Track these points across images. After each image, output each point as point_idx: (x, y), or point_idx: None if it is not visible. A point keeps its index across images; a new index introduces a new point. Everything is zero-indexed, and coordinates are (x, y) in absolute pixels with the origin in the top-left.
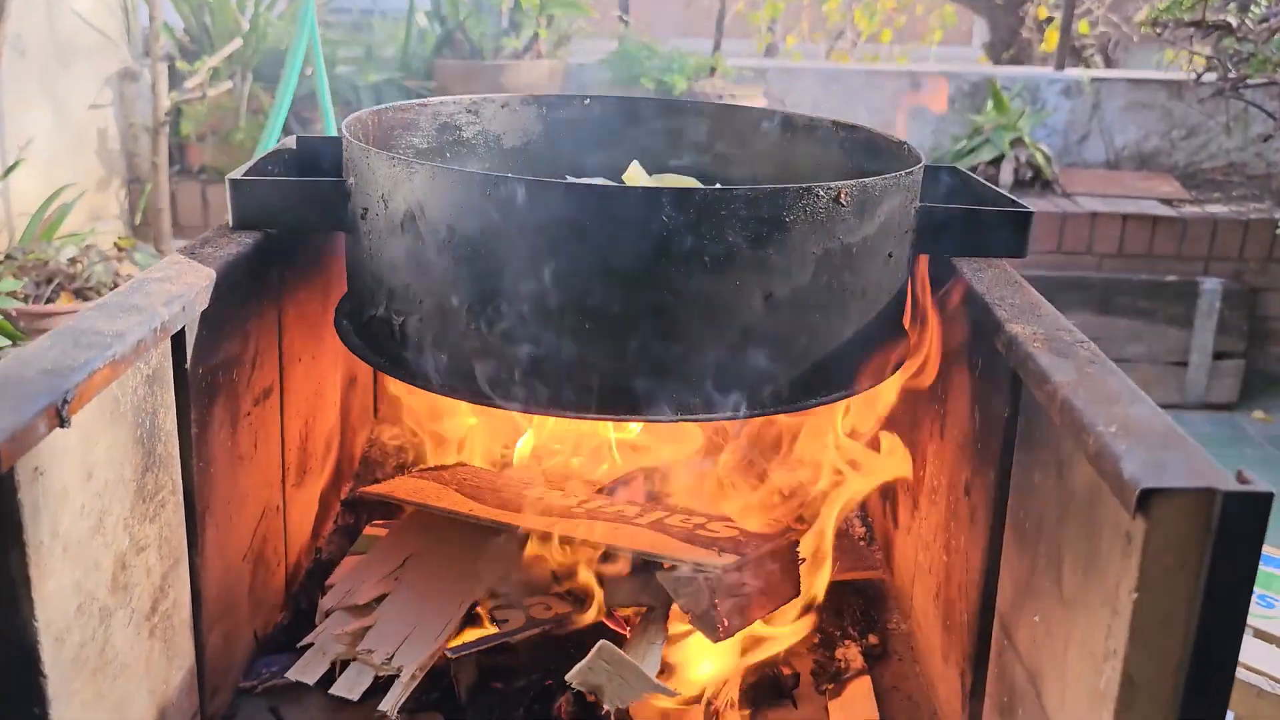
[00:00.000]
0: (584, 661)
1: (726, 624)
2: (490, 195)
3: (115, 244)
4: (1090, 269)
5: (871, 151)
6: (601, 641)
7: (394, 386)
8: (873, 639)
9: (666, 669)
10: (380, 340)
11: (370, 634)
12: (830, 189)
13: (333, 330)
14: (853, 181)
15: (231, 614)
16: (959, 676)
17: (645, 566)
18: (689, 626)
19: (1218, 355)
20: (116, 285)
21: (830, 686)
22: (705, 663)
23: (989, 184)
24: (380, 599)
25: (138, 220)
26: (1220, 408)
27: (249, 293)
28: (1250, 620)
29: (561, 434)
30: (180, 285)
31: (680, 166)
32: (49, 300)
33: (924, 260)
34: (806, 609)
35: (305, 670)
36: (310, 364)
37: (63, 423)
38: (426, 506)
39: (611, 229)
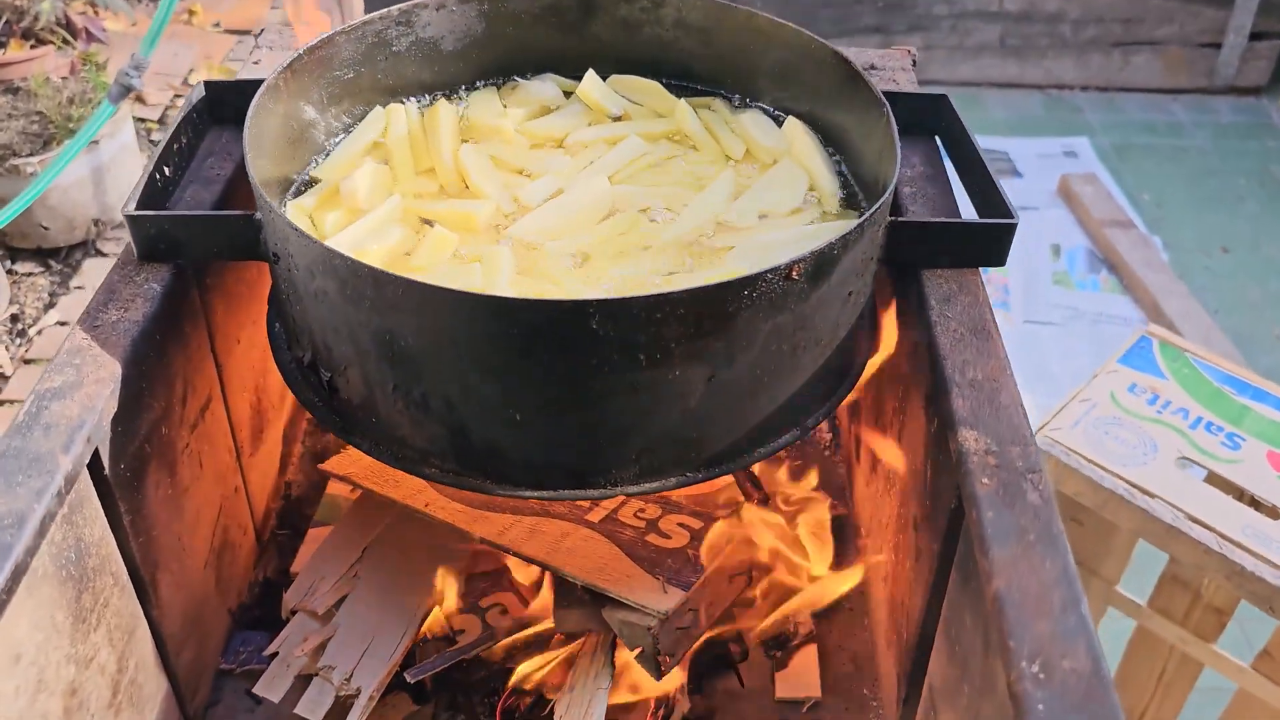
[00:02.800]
0: None
1: (669, 660)
2: (401, 302)
3: None
4: None
5: (845, 94)
6: None
7: None
8: None
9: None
10: (311, 385)
11: (331, 645)
12: (779, 270)
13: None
14: (806, 254)
15: (200, 621)
16: (896, 676)
17: (594, 595)
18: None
19: (1255, 36)
20: (67, 25)
21: (777, 654)
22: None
23: (976, 145)
24: (340, 601)
25: None
26: (1248, 92)
27: (169, 337)
28: (1209, 462)
29: None
30: (81, 403)
31: (638, 61)
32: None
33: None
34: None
35: (270, 686)
36: (251, 330)
37: None
38: (386, 497)
39: (533, 340)
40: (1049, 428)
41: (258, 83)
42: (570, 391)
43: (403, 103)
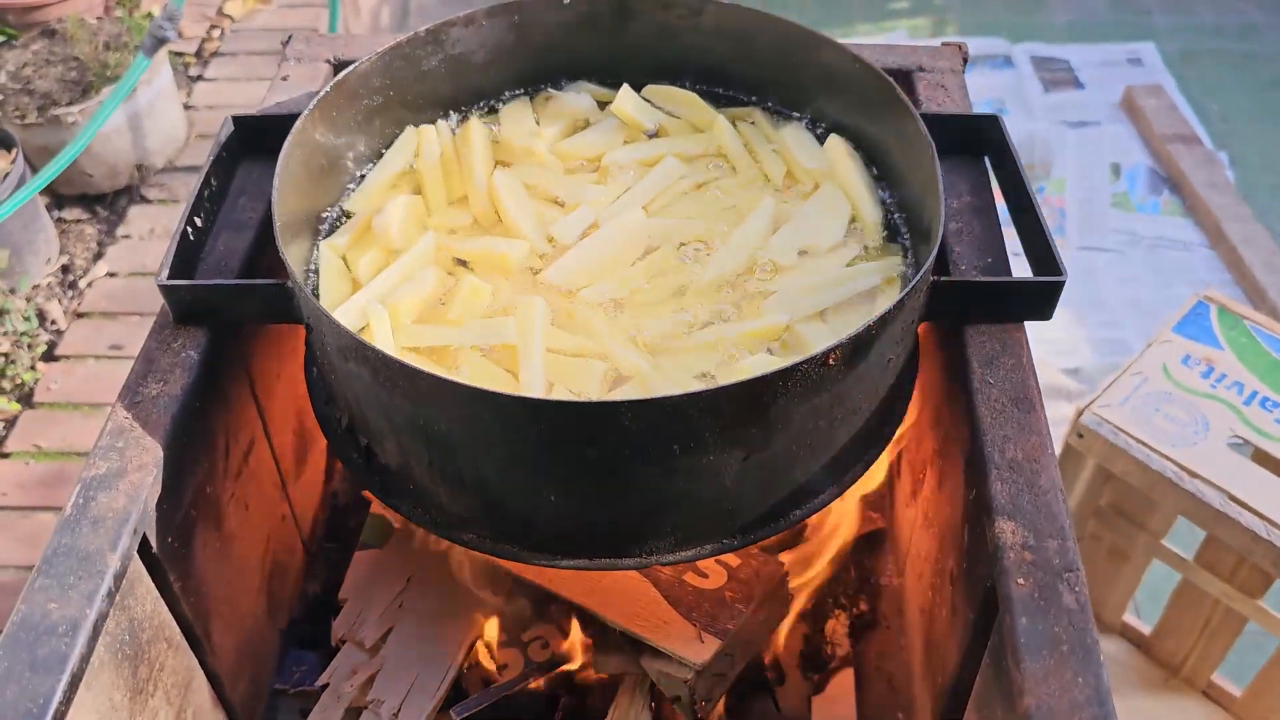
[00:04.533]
0: None
1: (704, 704)
2: (433, 396)
3: None
4: None
5: (890, 117)
6: None
7: None
8: (863, 604)
9: None
10: (349, 442)
11: (379, 679)
12: (815, 359)
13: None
14: (844, 340)
15: (253, 649)
16: (931, 713)
17: (631, 640)
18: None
19: None
20: None
21: (815, 677)
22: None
23: (1026, 178)
24: (387, 634)
25: None
26: None
27: (210, 400)
28: (1261, 441)
29: None
30: (126, 493)
31: (676, 67)
32: None
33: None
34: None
35: (322, 718)
36: (292, 362)
37: None
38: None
39: (565, 434)
40: (1098, 404)
41: (285, 117)
42: (604, 477)
43: (434, 122)
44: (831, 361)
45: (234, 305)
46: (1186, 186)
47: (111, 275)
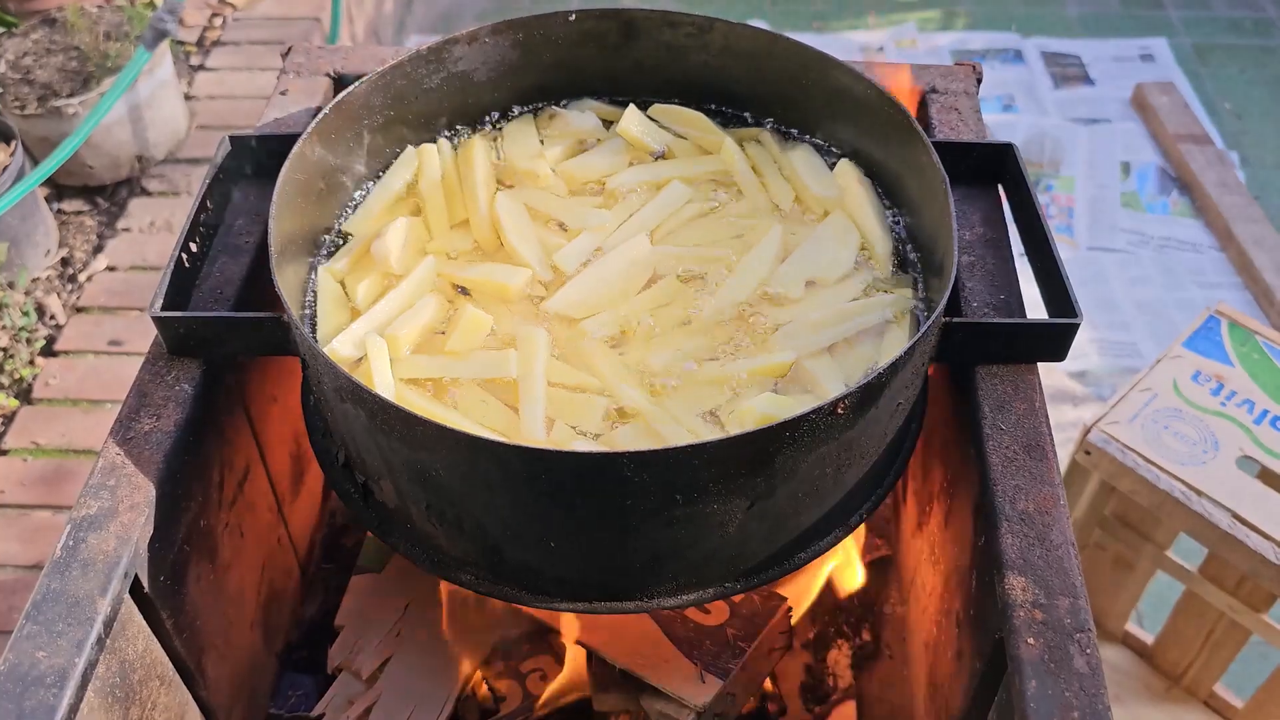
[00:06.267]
0: None
1: None
2: (430, 442)
3: None
4: None
5: (902, 145)
6: None
7: None
8: (866, 635)
9: None
10: (346, 480)
11: (376, 711)
12: (823, 410)
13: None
14: (853, 389)
15: (248, 678)
16: None
17: (631, 678)
18: None
19: None
20: None
21: (816, 709)
22: None
23: (1042, 213)
24: (384, 664)
25: None
26: None
27: (204, 434)
28: (1270, 461)
29: None
30: (117, 534)
31: (683, 86)
32: None
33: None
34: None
35: None
36: (288, 382)
37: None
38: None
39: (566, 483)
40: (1106, 421)
41: (284, 138)
42: (605, 526)
43: (435, 140)
44: (840, 411)
45: (229, 338)
46: (1197, 187)
47: (111, 269)
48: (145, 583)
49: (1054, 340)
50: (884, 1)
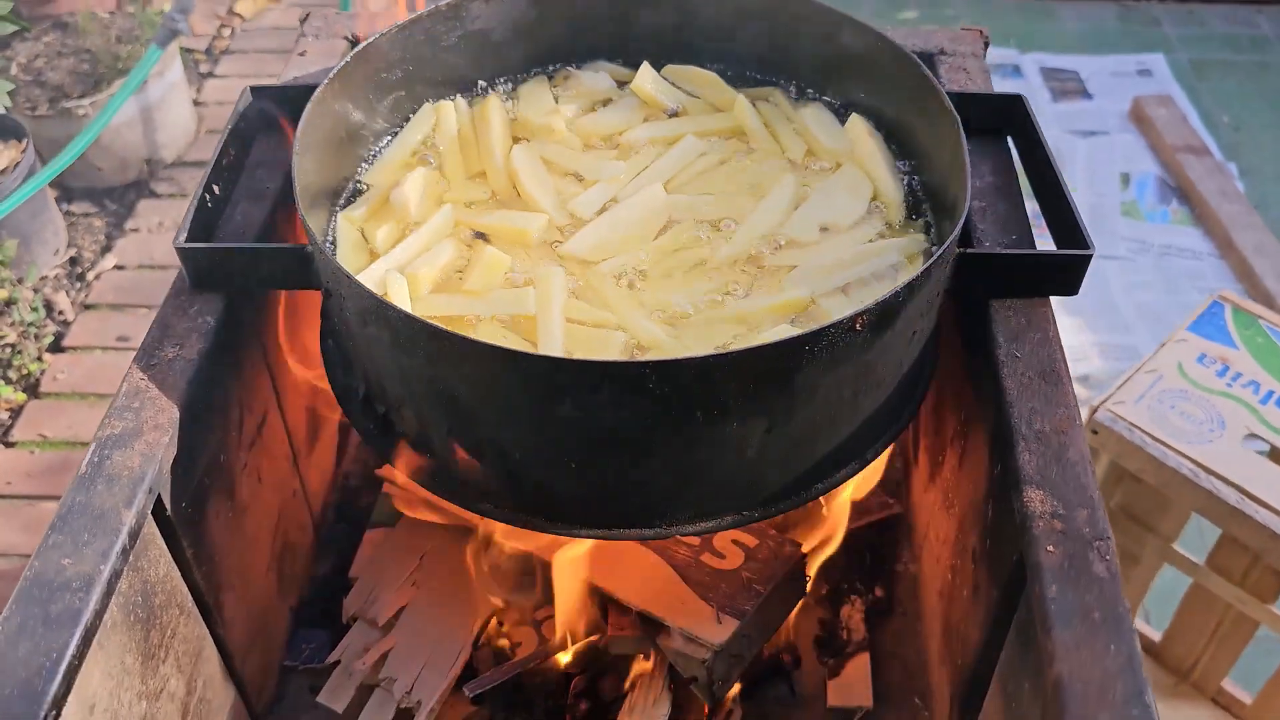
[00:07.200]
0: None
1: (722, 684)
2: (455, 357)
3: None
4: None
5: (914, 96)
6: None
7: None
8: (878, 591)
9: None
10: (366, 414)
11: (391, 657)
12: (843, 324)
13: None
14: (871, 305)
15: (264, 625)
16: (949, 696)
17: (648, 621)
18: None
19: None
20: None
21: (830, 662)
22: None
23: (1052, 157)
24: (399, 612)
25: None
26: None
27: (225, 368)
28: (1275, 438)
29: None
30: (141, 452)
31: (696, 48)
32: None
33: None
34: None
35: (333, 696)
36: (306, 335)
37: None
38: (441, 506)
39: (588, 397)
40: (1112, 401)
41: (304, 88)
42: (626, 446)
43: (452, 99)
44: (859, 327)
45: (252, 269)
46: (1195, 195)
47: (120, 268)
48: (168, 504)
49: (1066, 272)
50: (882, 15)
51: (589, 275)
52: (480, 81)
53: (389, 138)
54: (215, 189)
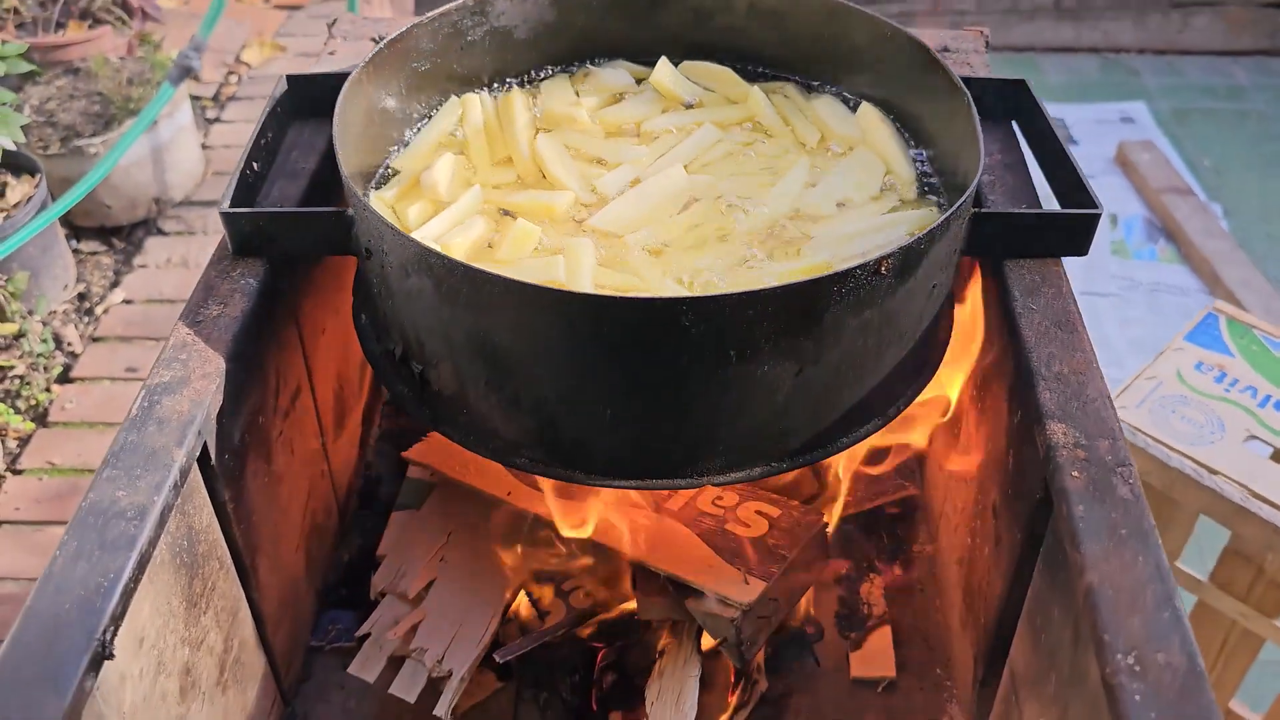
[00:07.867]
0: None
1: (750, 644)
2: (495, 300)
3: None
4: None
5: (922, 80)
6: None
7: None
8: (898, 569)
9: None
10: (402, 377)
11: (421, 629)
12: (869, 266)
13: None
14: (895, 250)
15: (293, 601)
16: (972, 658)
17: (677, 585)
18: None
19: None
20: (123, 4)
21: (853, 635)
22: None
23: (1056, 132)
24: (428, 585)
25: None
26: None
27: (265, 332)
28: (1275, 440)
29: None
30: (190, 398)
31: (710, 46)
32: (58, 25)
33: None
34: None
35: (364, 667)
36: (334, 320)
37: (107, 656)
38: (468, 486)
39: (625, 337)
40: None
41: (336, 76)
42: (660, 387)
43: (477, 92)
44: (884, 270)
45: (293, 234)
46: (1181, 235)
47: (128, 302)
48: (213, 455)
49: (1076, 231)
50: None
51: (615, 247)
52: (503, 79)
53: (418, 127)
54: (255, 166)
